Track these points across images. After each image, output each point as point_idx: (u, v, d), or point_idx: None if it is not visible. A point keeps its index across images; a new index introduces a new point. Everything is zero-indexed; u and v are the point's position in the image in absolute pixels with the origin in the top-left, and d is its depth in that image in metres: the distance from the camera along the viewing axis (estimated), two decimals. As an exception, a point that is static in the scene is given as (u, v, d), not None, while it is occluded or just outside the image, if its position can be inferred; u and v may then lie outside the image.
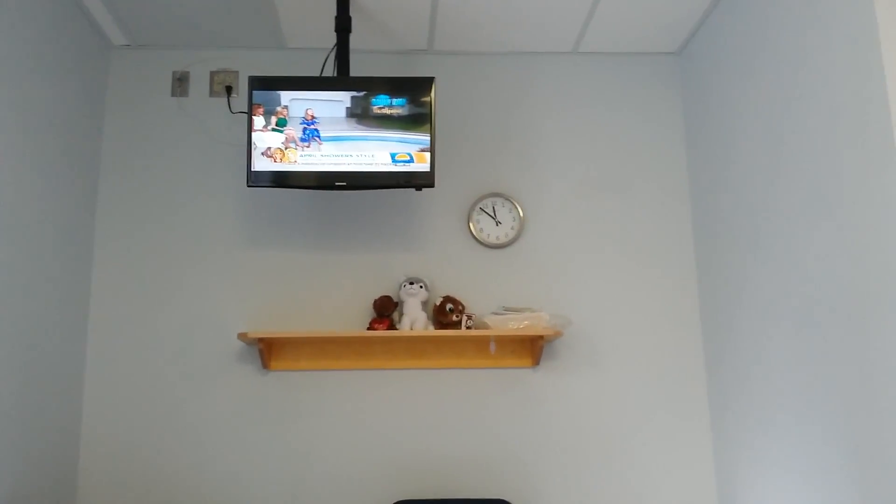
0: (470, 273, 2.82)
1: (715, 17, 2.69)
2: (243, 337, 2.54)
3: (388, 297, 2.71)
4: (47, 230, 2.43)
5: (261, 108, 2.49)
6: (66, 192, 2.56)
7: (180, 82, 2.90)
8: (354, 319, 2.76)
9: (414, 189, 2.55)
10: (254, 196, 2.84)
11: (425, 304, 2.70)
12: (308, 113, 2.49)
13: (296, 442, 2.68)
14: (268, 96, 2.50)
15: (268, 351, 2.66)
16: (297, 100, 2.50)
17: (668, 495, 2.70)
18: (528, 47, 2.96)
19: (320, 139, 2.48)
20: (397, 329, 2.67)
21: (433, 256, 2.83)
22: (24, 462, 2.27)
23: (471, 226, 2.84)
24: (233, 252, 2.80)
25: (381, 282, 2.78)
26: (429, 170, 2.50)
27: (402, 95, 2.50)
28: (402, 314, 2.68)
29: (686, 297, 2.85)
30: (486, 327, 2.62)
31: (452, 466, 2.69)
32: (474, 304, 2.78)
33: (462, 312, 2.69)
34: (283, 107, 2.49)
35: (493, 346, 2.74)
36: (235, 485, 2.64)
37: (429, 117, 2.51)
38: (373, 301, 2.73)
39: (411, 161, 2.50)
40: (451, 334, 2.60)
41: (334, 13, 2.65)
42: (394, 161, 2.50)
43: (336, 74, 2.61)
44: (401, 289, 2.69)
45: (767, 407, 2.32)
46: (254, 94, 2.49)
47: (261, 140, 2.48)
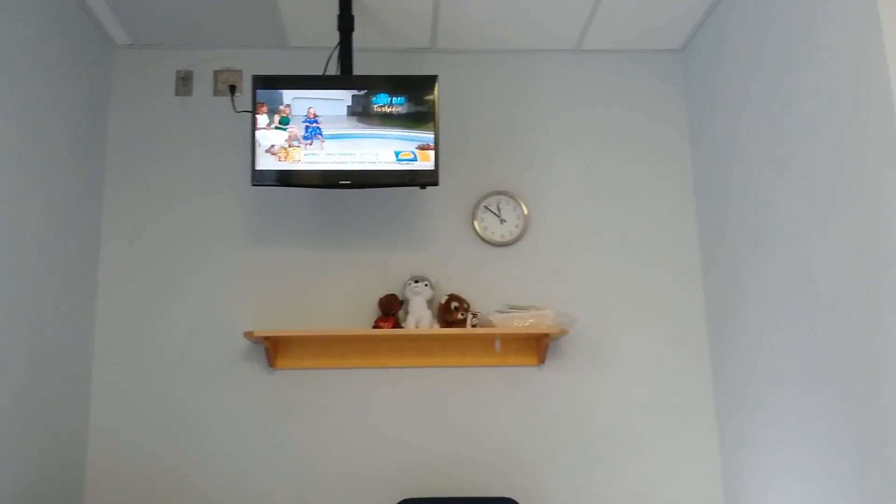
0: (475, 271, 2.82)
1: (718, 13, 2.68)
2: (249, 335, 2.55)
3: (394, 296, 2.71)
4: (52, 230, 2.43)
5: (264, 106, 2.49)
6: (71, 192, 2.56)
7: (184, 81, 2.90)
8: (360, 318, 2.76)
9: (418, 187, 2.55)
10: (258, 195, 2.84)
11: (430, 302, 2.71)
12: (310, 111, 2.49)
13: (302, 440, 2.68)
14: (271, 95, 2.50)
15: (273, 349, 2.67)
16: (300, 98, 2.50)
17: (673, 493, 2.70)
18: (530, 45, 2.96)
19: (323, 137, 2.48)
20: (402, 327, 2.67)
21: (438, 255, 2.83)
22: (31, 461, 2.27)
23: (475, 224, 2.84)
24: (238, 251, 2.80)
25: (387, 280, 2.78)
26: (433, 168, 2.50)
27: (403, 94, 2.50)
28: (407, 312, 2.68)
29: (691, 294, 2.85)
30: (491, 325, 2.63)
31: (458, 465, 2.69)
32: (479, 302, 2.79)
33: (467, 311, 2.69)
34: (285, 105, 2.49)
35: (498, 345, 2.74)
36: (242, 483, 2.65)
37: (432, 115, 2.51)
38: (378, 299, 2.73)
39: (415, 159, 2.50)
40: (456, 332, 2.61)
41: (337, 12, 2.65)
42: (398, 159, 2.50)
43: (339, 73, 2.61)
44: (406, 287, 2.69)
45: (773, 405, 2.33)
46: (257, 93, 2.49)
47: (264, 138, 2.49)
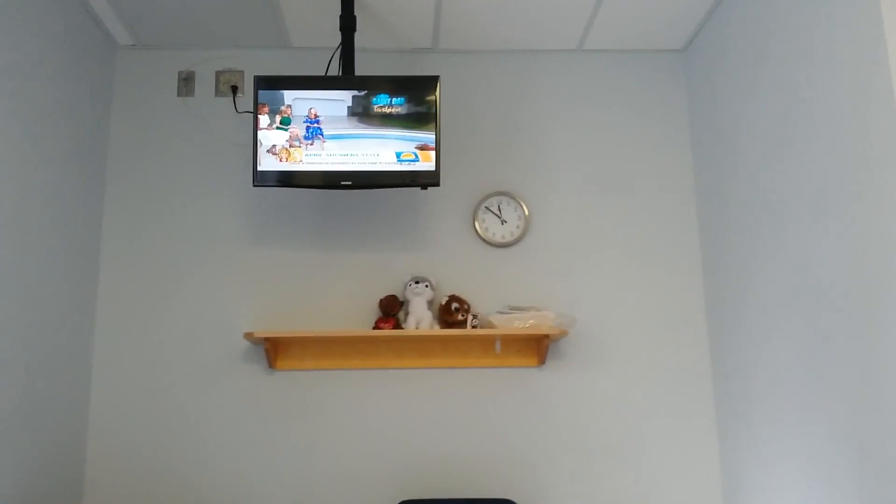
0: (475, 272, 2.82)
1: (719, 13, 2.68)
2: (249, 336, 2.55)
3: (394, 297, 2.71)
4: (54, 230, 2.43)
5: (266, 107, 2.50)
6: (73, 192, 2.57)
7: (186, 82, 2.91)
8: (360, 319, 2.76)
9: (419, 188, 2.55)
10: (259, 195, 2.84)
11: (431, 303, 2.70)
12: (311, 112, 2.49)
13: (302, 441, 2.68)
14: (272, 96, 2.50)
15: (274, 350, 2.67)
16: (301, 99, 2.50)
17: (673, 494, 2.70)
18: (532, 45, 2.96)
19: (323, 137, 2.49)
20: (403, 328, 2.67)
21: (438, 256, 2.83)
22: (31, 462, 2.28)
23: (476, 225, 2.84)
24: (239, 252, 2.80)
25: (387, 281, 2.78)
26: (434, 169, 2.50)
27: (405, 94, 2.50)
28: (407, 313, 2.68)
29: (692, 295, 2.84)
30: (491, 326, 2.62)
31: (458, 466, 2.69)
32: (480, 303, 2.79)
33: (467, 312, 2.69)
34: (286, 106, 2.50)
35: (498, 346, 2.74)
36: (241, 484, 2.65)
37: (434, 116, 2.51)
38: (378, 300, 2.73)
39: (416, 160, 2.50)
40: (456, 333, 2.60)
41: (339, 12, 2.65)
42: (399, 160, 2.50)
43: (341, 73, 2.61)
44: (406, 288, 2.69)
45: (773, 406, 2.32)
46: (259, 94, 2.49)
47: (266, 138, 2.49)
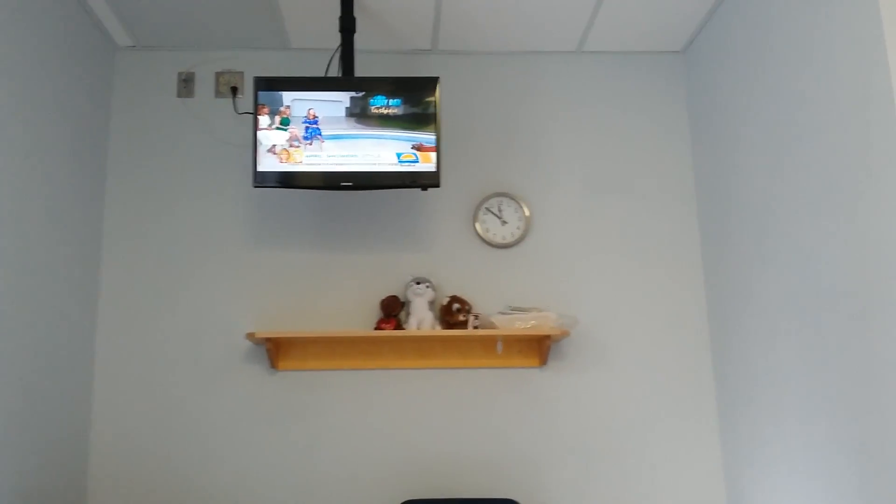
0: (476, 273, 2.82)
1: (719, 15, 2.69)
2: (251, 337, 2.55)
3: (395, 297, 2.71)
4: (54, 231, 2.43)
5: (265, 108, 2.50)
6: (73, 193, 2.56)
7: (185, 83, 2.90)
8: (361, 319, 2.76)
9: (420, 189, 2.55)
10: (260, 196, 2.84)
11: (432, 303, 2.71)
12: (310, 112, 2.50)
13: (304, 442, 2.68)
14: (272, 97, 2.50)
15: (275, 351, 2.67)
16: (299, 100, 2.50)
17: (676, 495, 2.70)
18: (532, 47, 2.96)
19: (322, 137, 2.49)
20: (404, 329, 2.67)
21: (439, 256, 2.83)
22: (33, 462, 2.27)
23: (477, 225, 2.85)
24: (240, 252, 2.80)
25: (388, 282, 2.78)
26: (434, 170, 2.50)
27: (402, 95, 2.51)
28: (408, 314, 2.68)
29: (693, 296, 2.85)
30: (492, 327, 2.63)
31: (460, 466, 2.69)
32: (481, 303, 2.79)
33: (469, 312, 2.69)
34: (286, 107, 2.50)
35: (499, 346, 2.75)
36: (243, 484, 2.65)
37: (434, 117, 2.51)
38: (380, 301, 2.73)
39: (417, 161, 2.50)
40: (457, 334, 2.61)
41: (338, 13, 2.65)
42: (399, 161, 2.50)
43: (340, 75, 2.61)
44: (407, 289, 2.69)
45: (775, 407, 2.33)
46: (259, 95, 2.49)
47: (266, 138, 2.49)
